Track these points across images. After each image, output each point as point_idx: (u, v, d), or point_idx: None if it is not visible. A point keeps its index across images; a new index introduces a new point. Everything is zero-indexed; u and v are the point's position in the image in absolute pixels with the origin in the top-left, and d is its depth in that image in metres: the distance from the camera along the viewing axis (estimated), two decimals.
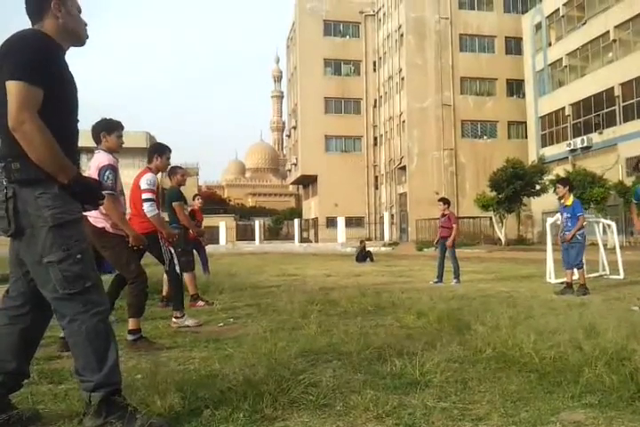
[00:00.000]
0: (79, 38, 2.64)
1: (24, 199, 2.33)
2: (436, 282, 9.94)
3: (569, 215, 8.26)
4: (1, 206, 2.35)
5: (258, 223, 44.71)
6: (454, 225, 10.08)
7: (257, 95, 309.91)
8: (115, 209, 4.27)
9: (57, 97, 2.38)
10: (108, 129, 4.45)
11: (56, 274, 2.33)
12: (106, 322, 2.44)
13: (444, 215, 10.30)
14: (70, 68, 2.54)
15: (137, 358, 3.87)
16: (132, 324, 4.43)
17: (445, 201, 10.43)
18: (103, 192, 2.70)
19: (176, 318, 5.49)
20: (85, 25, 2.66)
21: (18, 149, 2.29)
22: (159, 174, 5.58)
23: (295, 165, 53.55)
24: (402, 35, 42.57)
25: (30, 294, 2.50)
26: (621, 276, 9.90)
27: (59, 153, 2.31)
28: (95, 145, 4.49)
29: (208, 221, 36.17)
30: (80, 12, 2.64)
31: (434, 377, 3.13)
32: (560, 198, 8.74)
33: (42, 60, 2.33)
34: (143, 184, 5.18)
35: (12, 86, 2.27)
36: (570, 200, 8.31)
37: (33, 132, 2.24)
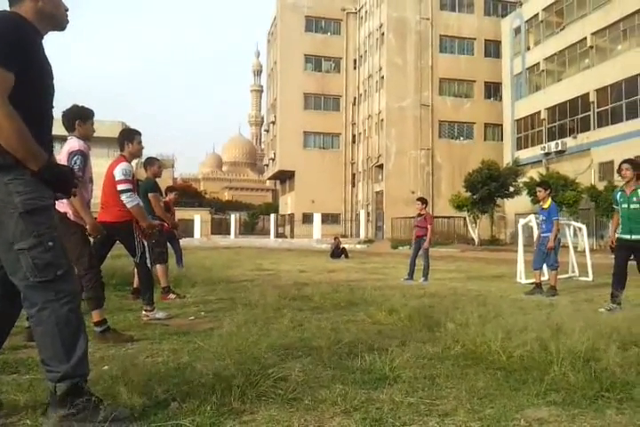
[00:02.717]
0: (58, 23, 2.57)
1: None
2: (407, 279, 10.00)
3: (544, 218, 8.40)
4: None
5: (233, 217, 44.51)
6: (429, 226, 10.13)
7: (236, 89, 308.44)
8: (77, 195, 4.21)
9: (30, 82, 2.31)
10: (83, 117, 4.40)
11: (27, 261, 2.27)
12: (76, 311, 2.38)
13: (420, 215, 10.36)
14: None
15: (105, 350, 3.83)
16: (95, 316, 4.35)
17: (423, 201, 10.49)
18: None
19: (146, 310, 5.44)
20: (66, 10, 2.59)
21: None
22: (134, 163, 5.51)
23: (273, 160, 53.37)
24: (383, 33, 42.68)
25: None
26: (590, 278, 10.09)
27: (29, 140, 2.24)
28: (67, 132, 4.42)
29: (183, 213, 35.89)
30: None
31: (403, 373, 3.15)
32: (539, 201, 8.86)
33: (14, 44, 2.26)
34: (118, 174, 5.10)
35: None
36: (548, 203, 8.43)
37: (1, 119, 2.17)
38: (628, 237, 6.29)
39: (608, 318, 4.72)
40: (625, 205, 6.35)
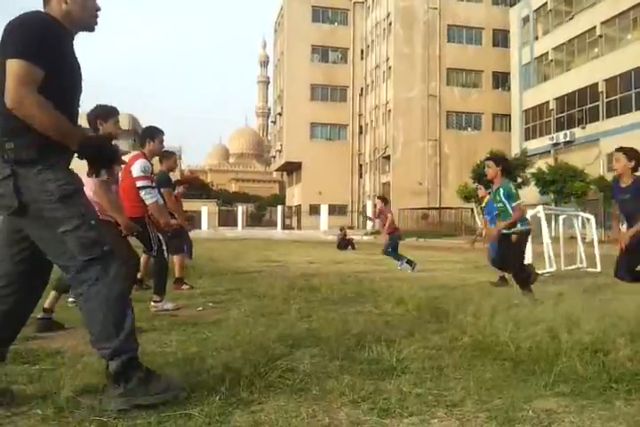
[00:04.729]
0: (85, 25, 2.60)
1: (24, 176, 2.32)
2: (401, 265, 10.26)
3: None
4: (1, 185, 2.33)
5: (241, 209, 44.57)
6: (387, 221, 10.59)
7: (243, 80, 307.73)
8: (105, 195, 4.24)
9: (58, 80, 2.36)
10: (103, 115, 4.31)
11: (73, 242, 2.34)
12: (124, 288, 2.46)
13: (381, 212, 10.97)
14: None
15: None
16: None
17: (383, 199, 11.22)
18: (96, 179, 2.66)
19: (155, 301, 5.46)
20: (97, 10, 2.61)
21: (11, 129, 2.31)
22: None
23: (280, 151, 53.35)
24: (390, 23, 42.41)
25: (17, 275, 2.47)
26: (598, 269, 10.04)
27: (62, 120, 2.32)
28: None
29: (190, 205, 35.94)
30: None
31: (410, 364, 3.15)
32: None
33: (43, 41, 2.32)
34: (137, 171, 5.10)
35: (12, 64, 2.25)
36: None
37: (32, 106, 2.23)
38: None
39: (617, 308, 4.70)
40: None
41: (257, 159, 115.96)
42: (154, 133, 5.40)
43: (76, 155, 2.45)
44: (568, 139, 31.62)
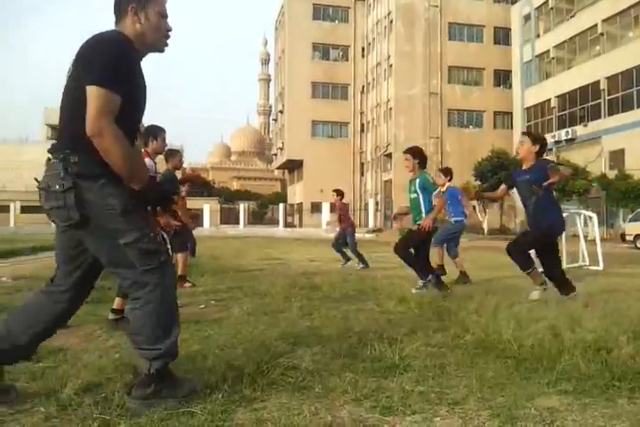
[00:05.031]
0: (155, 47, 2.62)
1: (87, 189, 2.35)
2: (345, 264, 10.58)
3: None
4: (59, 197, 2.36)
5: (242, 207, 44.56)
6: (343, 216, 10.89)
7: (244, 78, 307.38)
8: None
9: (129, 103, 2.40)
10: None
11: (133, 253, 2.40)
12: (175, 295, 2.56)
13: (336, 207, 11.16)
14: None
15: (116, 338, 3.85)
16: (118, 303, 4.38)
17: (339, 192, 11.19)
18: None
19: None
20: (168, 31, 2.62)
21: (77, 144, 2.35)
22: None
23: (281, 149, 53.31)
24: (391, 21, 42.35)
25: (75, 282, 2.57)
26: (601, 267, 10.04)
27: (134, 162, 2.40)
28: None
29: (192, 203, 35.95)
30: (165, 17, 2.59)
31: (413, 361, 3.15)
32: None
33: (120, 66, 2.36)
34: None
35: (93, 91, 2.29)
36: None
37: (111, 143, 2.29)
38: None
39: (620, 306, 4.70)
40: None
41: (258, 157, 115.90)
42: (156, 132, 5.41)
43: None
44: (570, 137, 31.59)
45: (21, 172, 51.42)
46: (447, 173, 8.60)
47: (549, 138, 33.18)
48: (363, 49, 49.27)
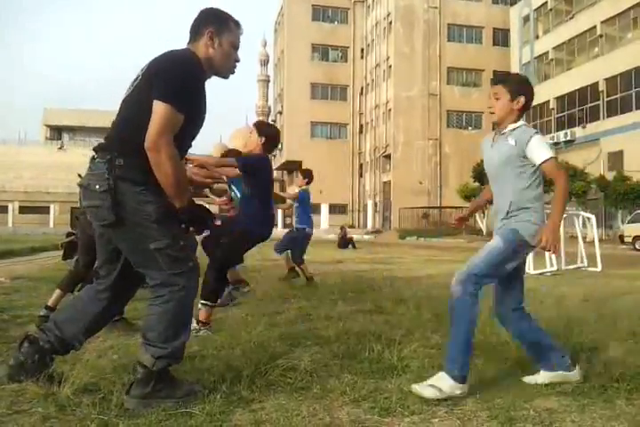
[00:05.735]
0: (222, 73, 2.67)
1: (123, 192, 2.39)
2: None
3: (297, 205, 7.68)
4: (101, 197, 2.40)
5: None
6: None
7: (243, 78, 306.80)
8: None
9: (189, 123, 2.44)
10: None
11: (163, 258, 2.44)
12: (194, 300, 2.60)
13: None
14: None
15: (113, 339, 3.84)
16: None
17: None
18: None
19: None
20: (236, 61, 2.68)
21: (126, 148, 2.39)
22: None
23: (280, 150, 53.29)
24: (390, 22, 42.41)
25: (115, 285, 2.65)
26: (599, 268, 10.05)
27: (182, 182, 2.44)
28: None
29: None
30: (236, 48, 2.64)
31: (411, 362, 3.15)
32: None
33: (191, 87, 2.42)
34: None
35: (160, 107, 2.32)
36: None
37: (165, 160, 2.33)
38: None
39: (618, 308, 4.71)
40: None
41: None
42: None
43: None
44: (568, 138, 31.61)
45: (20, 172, 51.48)
46: (306, 174, 7.89)
47: (547, 140, 33.23)
48: (362, 50, 49.30)
